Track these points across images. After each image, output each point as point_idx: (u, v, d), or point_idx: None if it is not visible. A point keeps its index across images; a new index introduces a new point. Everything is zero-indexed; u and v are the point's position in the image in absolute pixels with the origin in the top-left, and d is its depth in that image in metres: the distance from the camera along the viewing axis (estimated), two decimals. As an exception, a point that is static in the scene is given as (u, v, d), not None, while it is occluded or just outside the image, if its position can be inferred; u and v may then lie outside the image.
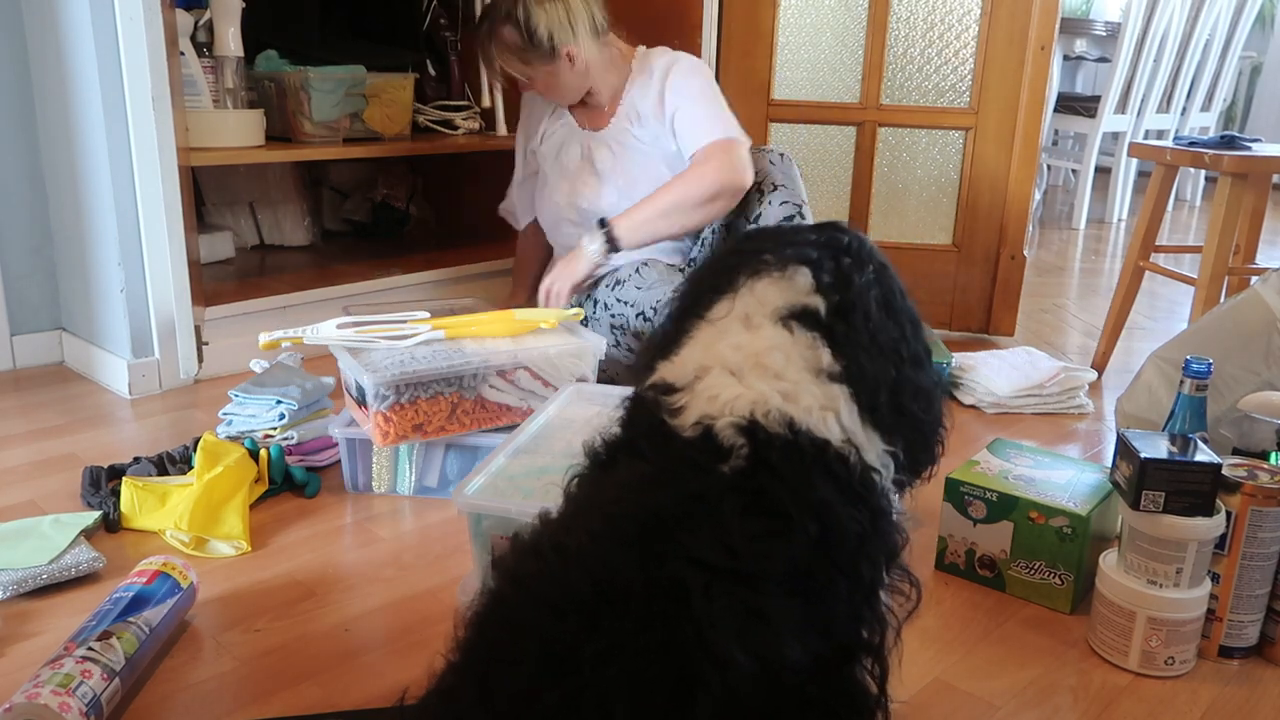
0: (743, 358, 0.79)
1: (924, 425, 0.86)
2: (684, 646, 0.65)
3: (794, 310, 0.82)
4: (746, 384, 0.77)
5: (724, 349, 0.81)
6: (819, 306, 0.82)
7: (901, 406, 0.82)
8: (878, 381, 0.81)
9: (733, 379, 0.78)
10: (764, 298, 0.83)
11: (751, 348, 0.80)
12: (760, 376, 0.78)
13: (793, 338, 0.80)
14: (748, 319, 0.82)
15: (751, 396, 0.76)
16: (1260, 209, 2.34)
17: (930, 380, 0.87)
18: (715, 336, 0.83)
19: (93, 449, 1.69)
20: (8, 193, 2.03)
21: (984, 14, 2.40)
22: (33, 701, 0.94)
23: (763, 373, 0.78)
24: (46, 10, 1.90)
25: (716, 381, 0.78)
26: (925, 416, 0.86)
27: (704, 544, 0.69)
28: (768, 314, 0.82)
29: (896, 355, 0.83)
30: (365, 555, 1.38)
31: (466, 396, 1.52)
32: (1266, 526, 1.15)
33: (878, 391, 0.80)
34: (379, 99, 2.42)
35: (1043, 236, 4.18)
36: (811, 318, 0.81)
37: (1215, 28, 4.54)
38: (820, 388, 0.78)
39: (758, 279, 0.84)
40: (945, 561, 1.38)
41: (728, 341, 0.81)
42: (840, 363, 0.80)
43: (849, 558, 0.74)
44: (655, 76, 1.97)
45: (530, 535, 0.76)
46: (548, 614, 0.68)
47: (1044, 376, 2.04)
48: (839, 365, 0.79)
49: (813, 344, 0.80)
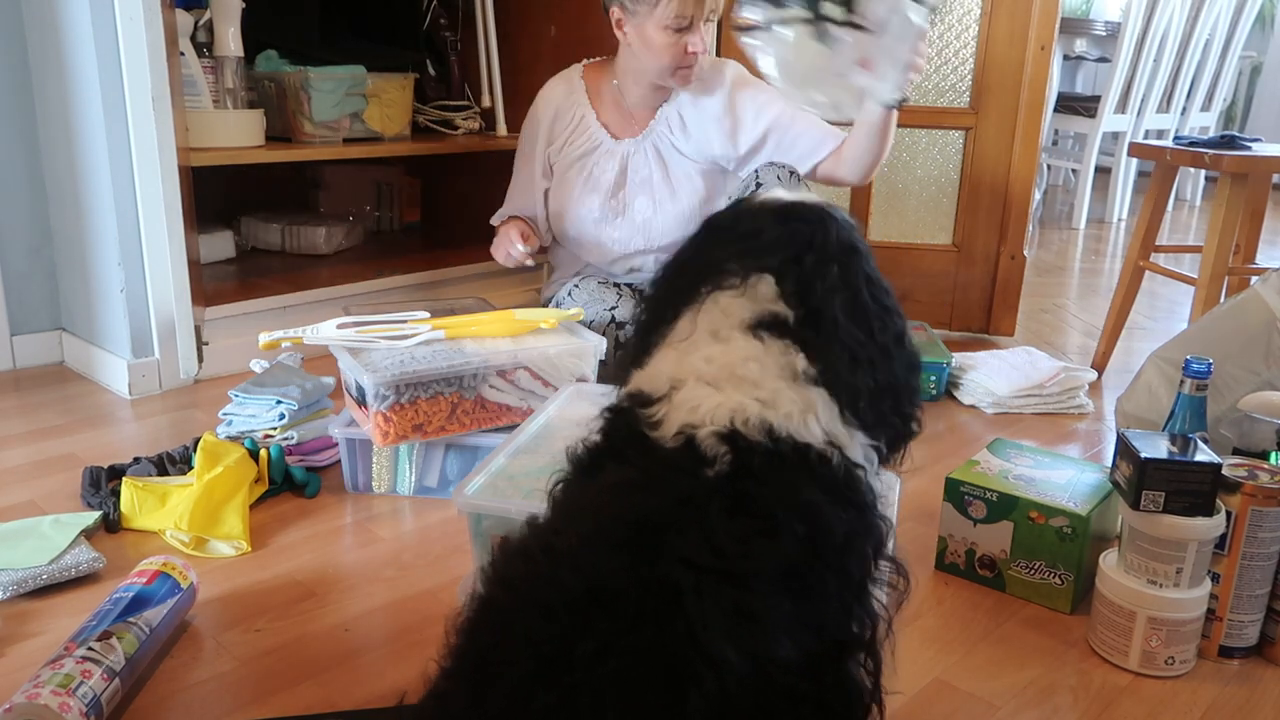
0: (717, 369, 0.79)
1: (904, 415, 0.86)
2: (676, 646, 0.66)
3: (762, 320, 0.82)
4: (725, 393, 0.78)
5: (696, 361, 0.81)
6: (786, 315, 0.82)
7: (880, 400, 0.83)
8: (855, 379, 0.81)
9: (710, 389, 0.78)
10: (729, 310, 0.83)
11: (724, 359, 0.80)
12: (737, 386, 0.78)
13: (765, 346, 0.80)
14: (715, 332, 0.82)
15: (731, 405, 0.76)
16: (1260, 209, 2.34)
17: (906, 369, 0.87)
18: (686, 350, 0.83)
19: (93, 449, 1.69)
20: (8, 193, 2.03)
21: (984, 14, 2.40)
22: (33, 701, 0.94)
23: (739, 382, 0.78)
24: (46, 10, 1.90)
25: (695, 393, 0.78)
26: (906, 409, 0.86)
27: (692, 545, 0.69)
28: (735, 325, 0.82)
29: (867, 355, 0.83)
30: (365, 555, 1.38)
31: (466, 396, 1.52)
32: (1266, 526, 1.15)
33: (856, 389, 0.81)
34: (379, 99, 2.42)
35: (1043, 236, 4.18)
36: (781, 325, 0.82)
37: (1215, 28, 4.54)
38: (797, 392, 0.78)
39: (721, 291, 0.84)
40: (945, 561, 1.38)
41: (699, 354, 0.81)
42: (817, 366, 0.80)
43: (837, 555, 0.75)
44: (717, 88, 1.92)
45: (519, 539, 0.77)
46: (539, 615, 0.68)
47: (1044, 376, 2.04)
48: (816, 369, 0.80)
49: (785, 350, 0.80)
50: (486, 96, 2.69)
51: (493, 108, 2.68)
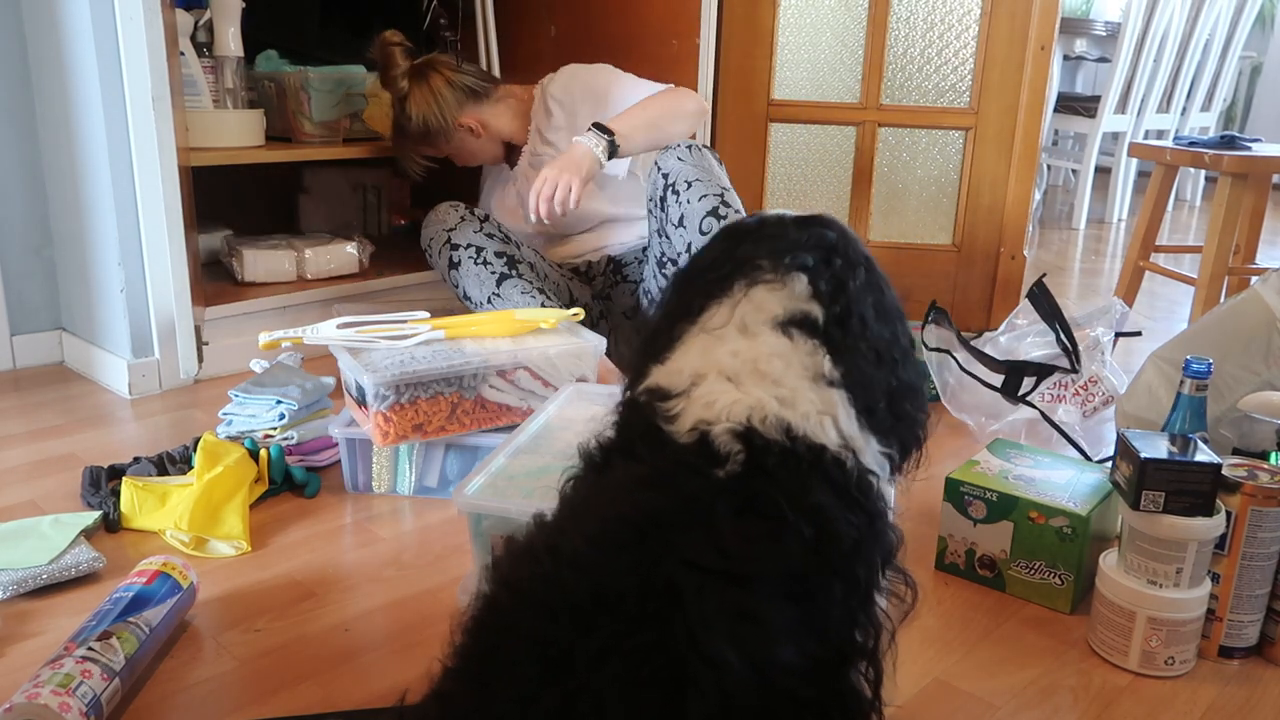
0: (740, 364, 0.79)
1: (917, 422, 0.87)
2: (677, 648, 0.65)
3: (793, 317, 0.82)
4: (744, 390, 0.77)
5: (721, 355, 0.80)
6: (818, 314, 0.82)
7: (897, 407, 0.83)
8: (875, 385, 0.81)
9: (730, 385, 0.78)
10: (762, 305, 0.83)
11: (749, 354, 0.80)
12: (758, 383, 0.78)
13: (793, 344, 0.80)
14: (745, 326, 0.82)
15: (749, 402, 0.76)
16: (1260, 209, 2.34)
17: (918, 375, 0.88)
18: (712, 343, 0.82)
19: (93, 449, 1.69)
20: (8, 193, 2.03)
21: (984, 14, 2.40)
22: (33, 701, 0.94)
23: (761, 379, 0.78)
24: (46, 10, 1.90)
25: (713, 388, 0.78)
26: (919, 415, 0.87)
27: (697, 546, 0.69)
28: (765, 321, 0.82)
29: (891, 357, 0.83)
30: (365, 555, 1.38)
31: (466, 397, 1.52)
32: (1266, 526, 1.15)
33: (875, 394, 0.81)
34: (379, 99, 2.42)
35: (1043, 236, 4.18)
36: (811, 325, 0.81)
37: (1215, 28, 4.54)
38: (818, 393, 0.78)
39: (754, 285, 0.84)
40: (945, 561, 1.38)
41: (725, 348, 0.81)
42: (840, 368, 0.80)
43: (844, 561, 0.74)
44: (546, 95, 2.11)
45: (525, 538, 0.76)
46: (543, 616, 0.68)
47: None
48: (838, 371, 0.80)
49: (814, 351, 0.80)
50: (486, 96, 2.68)
51: (493, 108, 2.68)
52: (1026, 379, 1.86)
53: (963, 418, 1.91)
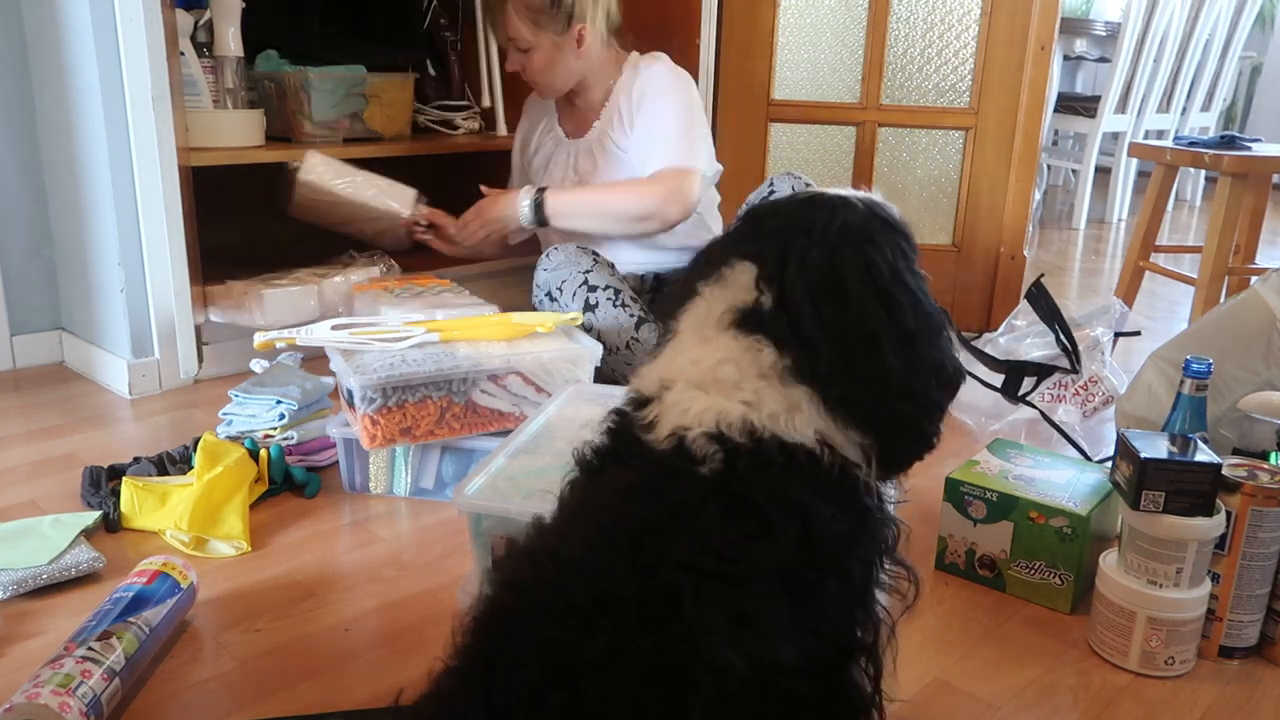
0: (700, 372, 0.77)
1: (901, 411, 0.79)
2: (677, 650, 0.66)
3: (738, 312, 0.78)
4: (712, 397, 0.76)
5: (682, 364, 0.79)
6: (762, 303, 0.78)
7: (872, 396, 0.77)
8: (841, 374, 0.76)
9: (699, 391, 0.76)
10: (713, 304, 0.80)
11: (707, 361, 0.78)
12: (720, 390, 0.76)
13: (738, 344, 0.77)
14: (699, 330, 0.80)
15: (716, 409, 0.74)
16: (1260, 209, 2.34)
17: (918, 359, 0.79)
18: (674, 350, 0.81)
19: (93, 449, 1.69)
20: (8, 193, 2.03)
21: (984, 14, 2.40)
22: (33, 701, 0.94)
23: (720, 385, 0.76)
24: (46, 10, 1.90)
25: (683, 395, 0.76)
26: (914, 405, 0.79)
27: (690, 548, 0.69)
28: (716, 321, 0.79)
29: (859, 341, 0.76)
30: (365, 555, 1.38)
31: (456, 401, 1.51)
32: (1266, 526, 1.15)
33: (846, 384, 0.76)
34: (379, 99, 2.42)
35: (1043, 236, 4.18)
36: (754, 318, 0.78)
37: (1215, 28, 4.54)
38: (780, 391, 0.75)
39: (713, 283, 0.81)
40: (945, 561, 1.38)
41: (685, 356, 0.79)
42: (788, 359, 0.76)
43: (835, 557, 0.73)
44: (638, 86, 2.00)
45: (526, 542, 0.76)
46: (546, 619, 0.68)
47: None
48: (789, 362, 0.76)
49: (756, 346, 0.77)
50: (486, 96, 2.68)
51: (493, 108, 2.68)
52: (1026, 379, 1.86)
53: (963, 418, 1.92)
